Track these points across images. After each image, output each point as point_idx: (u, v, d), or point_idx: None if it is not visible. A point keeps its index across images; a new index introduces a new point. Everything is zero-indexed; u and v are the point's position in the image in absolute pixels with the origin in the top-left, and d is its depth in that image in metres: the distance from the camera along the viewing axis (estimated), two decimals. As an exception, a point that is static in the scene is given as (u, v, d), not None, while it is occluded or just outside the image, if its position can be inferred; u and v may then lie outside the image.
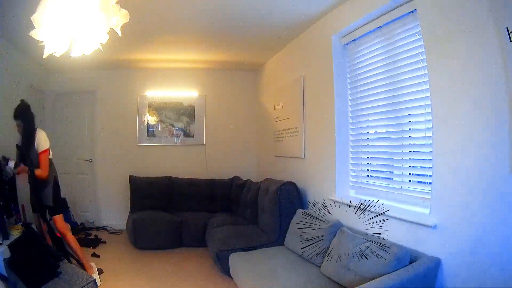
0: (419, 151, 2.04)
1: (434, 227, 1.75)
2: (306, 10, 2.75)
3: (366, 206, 2.33)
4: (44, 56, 1.40)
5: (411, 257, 1.76)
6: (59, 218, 2.75)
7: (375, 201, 2.36)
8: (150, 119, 4.76)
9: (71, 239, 2.79)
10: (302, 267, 2.29)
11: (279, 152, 3.91)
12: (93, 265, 2.88)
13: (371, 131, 2.51)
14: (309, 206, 3.11)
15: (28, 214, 3.17)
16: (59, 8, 1.30)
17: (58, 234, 3.00)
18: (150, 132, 4.77)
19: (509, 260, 1.41)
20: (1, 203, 2.53)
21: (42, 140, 2.65)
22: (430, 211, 1.83)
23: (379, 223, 2.17)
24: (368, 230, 2.24)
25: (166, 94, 4.79)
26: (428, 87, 1.85)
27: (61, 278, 2.12)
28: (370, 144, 2.52)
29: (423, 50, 1.88)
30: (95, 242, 3.83)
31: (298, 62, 3.45)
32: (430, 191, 1.85)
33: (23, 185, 2.57)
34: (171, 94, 4.81)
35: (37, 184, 2.56)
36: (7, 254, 2.18)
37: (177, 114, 4.83)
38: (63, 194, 4.35)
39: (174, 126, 4.83)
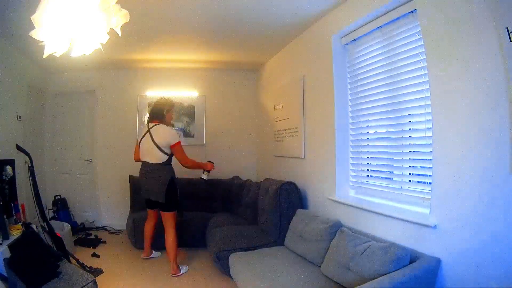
0: (419, 151, 2.04)
1: (434, 227, 1.75)
2: (306, 10, 2.75)
3: (366, 206, 2.33)
4: (44, 56, 1.40)
5: (411, 257, 1.76)
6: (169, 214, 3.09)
7: (375, 201, 2.37)
8: (150, 119, 4.76)
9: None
10: (302, 267, 2.29)
11: (279, 152, 3.91)
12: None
13: (371, 131, 2.51)
14: (309, 206, 3.12)
15: (28, 214, 3.18)
16: (59, 8, 1.30)
17: (58, 234, 3.00)
18: (150, 132, 4.77)
19: (509, 260, 1.41)
20: (1, 203, 2.53)
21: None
22: (430, 211, 1.83)
23: (379, 223, 2.18)
24: (368, 230, 2.24)
25: (166, 94, 4.79)
26: (428, 87, 1.85)
27: (61, 278, 2.12)
28: (370, 144, 2.52)
29: (423, 50, 1.88)
30: (95, 242, 3.83)
31: (298, 62, 3.45)
32: (430, 191, 1.85)
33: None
34: (171, 94, 4.80)
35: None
36: (7, 254, 2.18)
37: (177, 114, 4.83)
38: (63, 194, 4.39)
39: (174, 126, 4.83)
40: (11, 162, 2.97)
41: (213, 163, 3.33)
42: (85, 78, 4.63)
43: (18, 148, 3.12)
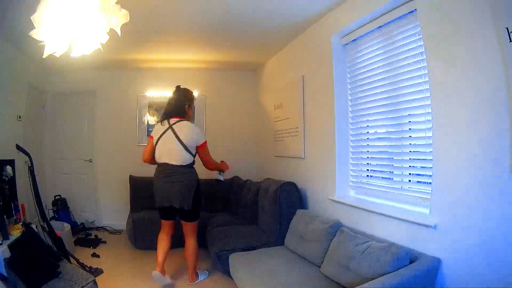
0: (419, 151, 2.04)
1: (434, 227, 1.75)
2: (306, 10, 2.75)
3: (366, 206, 2.33)
4: (44, 56, 1.40)
5: (411, 257, 1.76)
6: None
7: (375, 201, 2.37)
8: (150, 119, 4.76)
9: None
10: (302, 267, 2.29)
11: (279, 152, 3.91)
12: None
13: (371, 131, 2.51)
14: (309, 206, 3.12)
15: (28, 214, 3.18)
16: (59, 8, 1.31)
17: (58, 234, 3.00)
18: (150, 132, 4.77)
19: (509, 260, 1.41)
20: (1, 203, 2.53)
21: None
22: (430, 211, 1.83)
23: (379, 223, 2.18)
24: (368, 230, 2.24)
25: (166, 94, 4.78)
26: (428, 87, 1.85)
27: (61, 278, 2.12)
28: (370, 144, 2.52)
29: (423, 50, 1.88)
30: (95, 242, 3.83)
31: (298, 62, 3.45)
32: (430, 191, 1.85)
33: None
34: (171, 94, 4.79)
35: None
36: (7, 254, 2.18)
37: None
38: (63, 194, 4.39)
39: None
40: (11, 162, 2.97)
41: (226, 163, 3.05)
42: (85, 78, 4.63)
43: (18, 148, 3.12)
